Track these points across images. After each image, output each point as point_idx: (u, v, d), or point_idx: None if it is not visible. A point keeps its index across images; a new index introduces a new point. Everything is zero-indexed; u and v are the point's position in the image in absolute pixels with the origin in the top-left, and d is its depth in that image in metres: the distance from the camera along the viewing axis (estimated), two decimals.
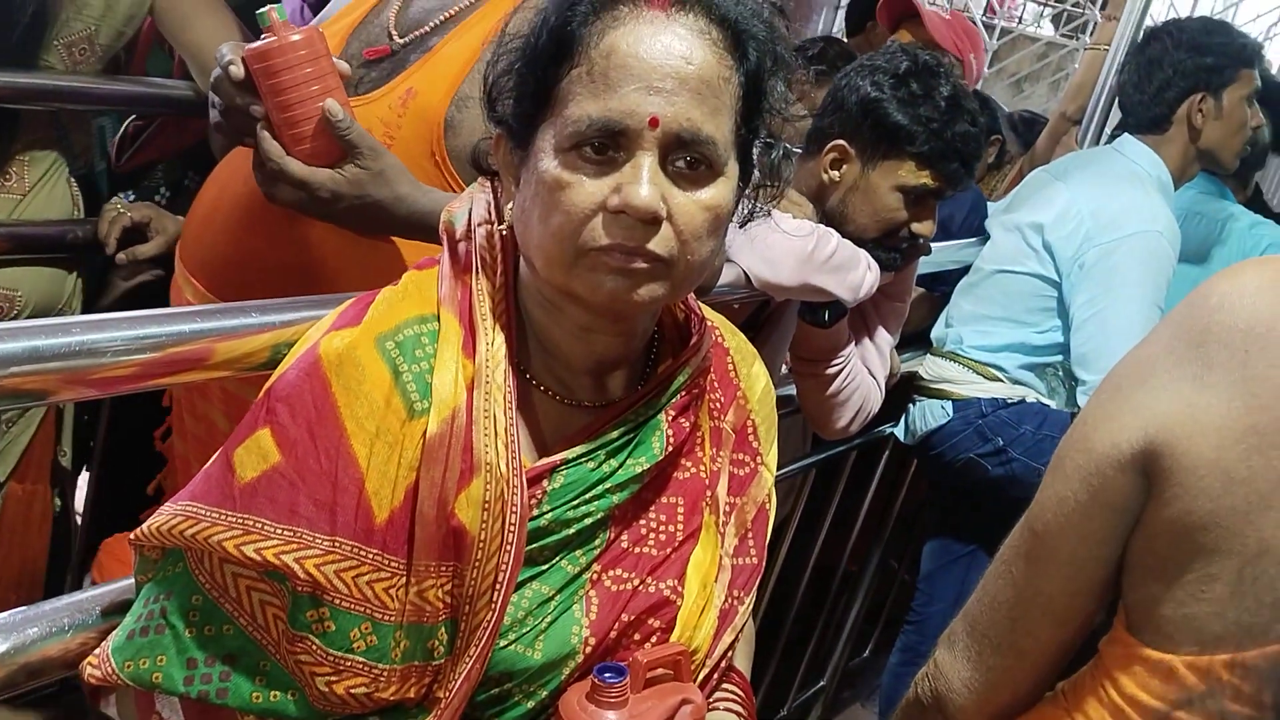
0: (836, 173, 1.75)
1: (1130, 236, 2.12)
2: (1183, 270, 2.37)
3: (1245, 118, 2.25)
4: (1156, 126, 2.26)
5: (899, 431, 2.39)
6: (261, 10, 1.17)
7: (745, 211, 0.97)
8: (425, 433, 0.87)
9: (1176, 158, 2.26)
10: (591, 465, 0.93)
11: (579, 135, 0.84)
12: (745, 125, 0.90)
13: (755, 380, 1.11)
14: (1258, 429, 0.72)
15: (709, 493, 1.01)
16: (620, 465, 0.94)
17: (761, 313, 1.85)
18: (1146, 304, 2.11)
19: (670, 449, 0.97)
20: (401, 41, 1.42)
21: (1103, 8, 6.24)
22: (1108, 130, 2.79)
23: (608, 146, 0.84)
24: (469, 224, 0.98)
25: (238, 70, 1.18)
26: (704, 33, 0.86)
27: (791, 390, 1.94)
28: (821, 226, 1.71)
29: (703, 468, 1.02)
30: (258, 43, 1.17)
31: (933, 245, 2.38)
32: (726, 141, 0.87)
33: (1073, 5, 7.03)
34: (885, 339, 1.95)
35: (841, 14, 6.33)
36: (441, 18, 1.42)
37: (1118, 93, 2.45)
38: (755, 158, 0.94)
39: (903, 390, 2.33)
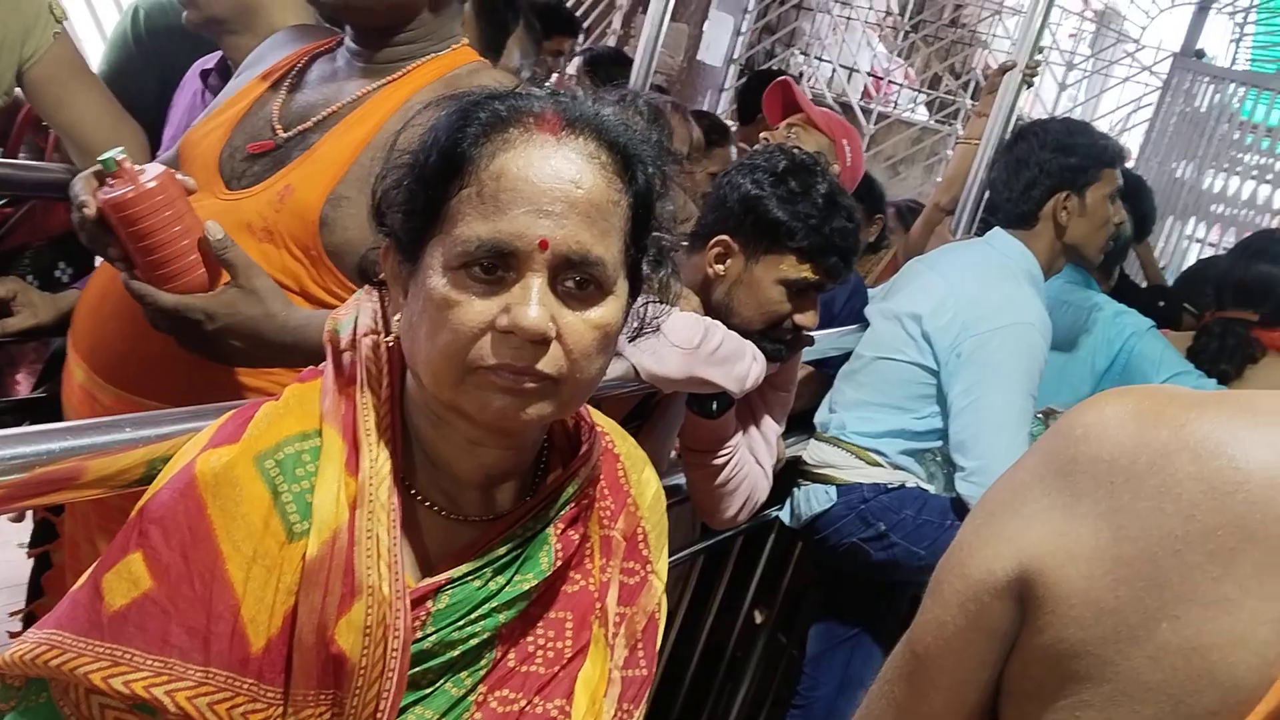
0: (721, 267, 1.78)
1: (1005, 328, 2.20)
2: (1053, 358, 2.46)
3: (1108, 215, 2.37)
4: (1025, 222, 2.36)
5: (784, 515, 2.42)
6: (106, 156, 1.15)
7: (634, 326, 0.98)
8: (305, 555, 0.85)
9: (1044, 252, 2.36)
10: (478, 583, 0.92)
11: (468, 255, 0.84)
12: (634, 245, 0.91)
13: (646, 486, 1.11)
14: (1124, 560, 0.74)
15: (598, 605, 1.00)
16: (508, 582, 0.93)
17: (649, 403, 1.86)
18: (1020, 393, 2.20)
19: (559, 563, 0.96)
20: (284, 136, 1.41)
21: (974, 96, 6.55)
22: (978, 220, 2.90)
23: (497, 267, 0.84)
24: (354, 334, 0.96)
25: (91, 213, 1.16)
26: (594, 156, 0.87)
27: (680, 480, 1.94)
28: (708, 319, 1.73)
29: (592, 579, 1.01)
30: (113, 193, 1.16)
31: (820, 331, 2.44)
32: (616, 262, 0.88)
33: (945, 93, 7.33)
34: (772, 428, 1.98)
35: (726, 97, 6.52)
36: (324, 113, 1.42)
37: (989, 189, 2.55)
38: (644, 274, 0.95)
39: (787, 474, 2.37)
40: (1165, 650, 0.72)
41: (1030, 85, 2.92)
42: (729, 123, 5.02)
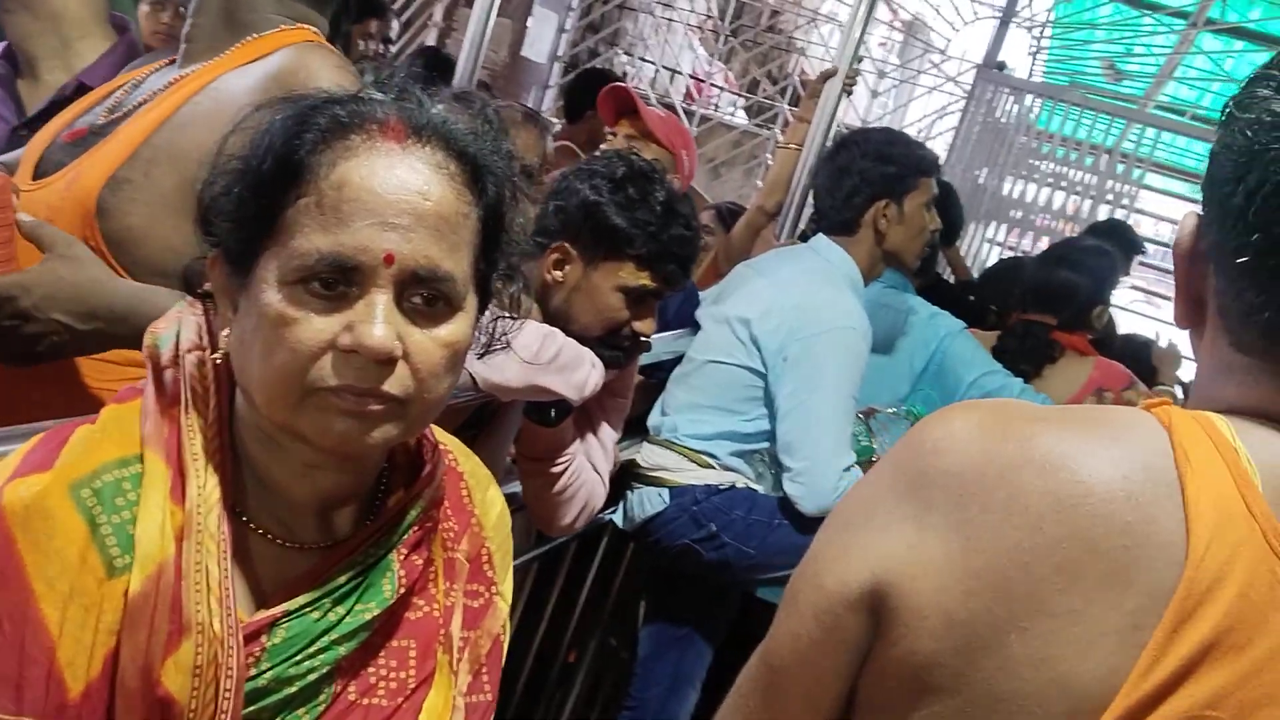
0: (559, 273, 1.76)
1: (829, 332, 2.25)
2: (873, 360, 2.54)
3: (925, 222, 2.46)
4: (847, 229, 2.43)
5: (617, 518, 2.42)
6: None
7: (483, 342, 0.95)
8: (127, 592, 0.79)
9: (865, 258, 2.43)
10: (316, 615, 0.87)
11: (306, 270, 0.79)
12: (484, 259, 0.88)
13: (490, 506, 1.08)
14: (974, 572, 0.75)
15: (442, 631, 0.97)
16: (348, 612, 0.89)
17: (485, 411, 1.82)
18: (843, 395, 2.26)
19: (402, 590, 0.92)
20: (99, 124, 1.32)
21: (792, 102, 6.72)
22: (802, 223, 2.97)
23: (338, 282, 0.80)
24: (176, 350, 0.89)
25: None
26: (441, 167, 0.83)
27: (516, 488, 1.91)
28: (546, 327, 1.71)
29: (436, 605, 0.97)
30: None
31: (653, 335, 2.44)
32: (465, 277, 0.84)
33: (764, 97, 7.50)
34: (609, 435, 1.97)
35: (551, 94, 6.50)
36: (138, 100, 1.34)
37: (814, 196, 2.61)
38: (494, 289, 0.92)
39: (621, 477, 2.36)
40: (1015, 661, 0.74)
41: (849, 93, 3.01)
42: (554, 120, 5.01)
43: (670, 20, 7.23)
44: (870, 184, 2.40)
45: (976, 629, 0.75)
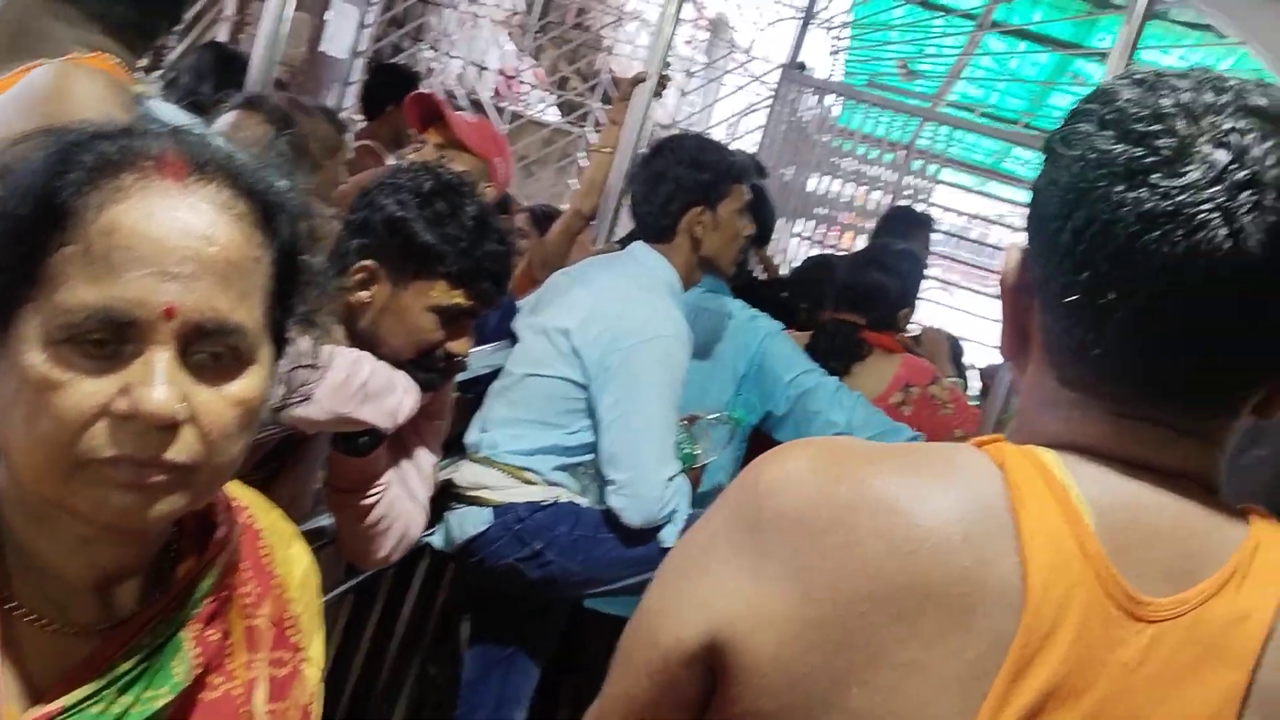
0: (366, 294, 1.67)
1: (649, 341, 2.23)
2: (695, 366, 2.53)
3: (739, 228, 2.47)
4: (665, 235, 2.41)
5: (437, 540, 2.33)
6: None
7: (280, 394, 0.87)
8: None
9: (682, 265, 2.41)
10: (99, 708, 0.77)
11: (73, 327, 0.69)
12: (279, 306, 0.80)
13: (293, 564, 0.99)
14: (813, 623, 0.73)
15: (244, 709, 0.88)
16: (135, 701, 0.79)
17: (288, 443, 1.71)
18: (665, 404, 2.24)
19: (198, 669, 0.83)
20: None
21: (604, 100, 6.71)
22: (619, 229, 2.94)
23: (111, 340, 0.70)
24: None
25: None
26: (228, 206, 0.75)
27: (325, 521, 1.81)
28: (353, 351, 1.62)
29: (236, 681, 0.88)
30: None
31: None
32: (257, 327, 0.76)
33: (575, 95, 7.47)
34: (427, 459, 1.88)
35: (352, 90, 6.28)
36: None
37: (630, 203, 2.59)
38: (291, 337, 0.84)
39: (439, 498, 2.28)
40: (857, 716, 0.72)
41: (660, 96, 3.00)
42: (355, 117, 4.83)
43: (476, 15, 7.10)
44: (685, 191, 2.39)
45: (817, 683, 0.72)
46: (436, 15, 7.00)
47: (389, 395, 1.61)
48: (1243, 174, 0.69)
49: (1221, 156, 0.70)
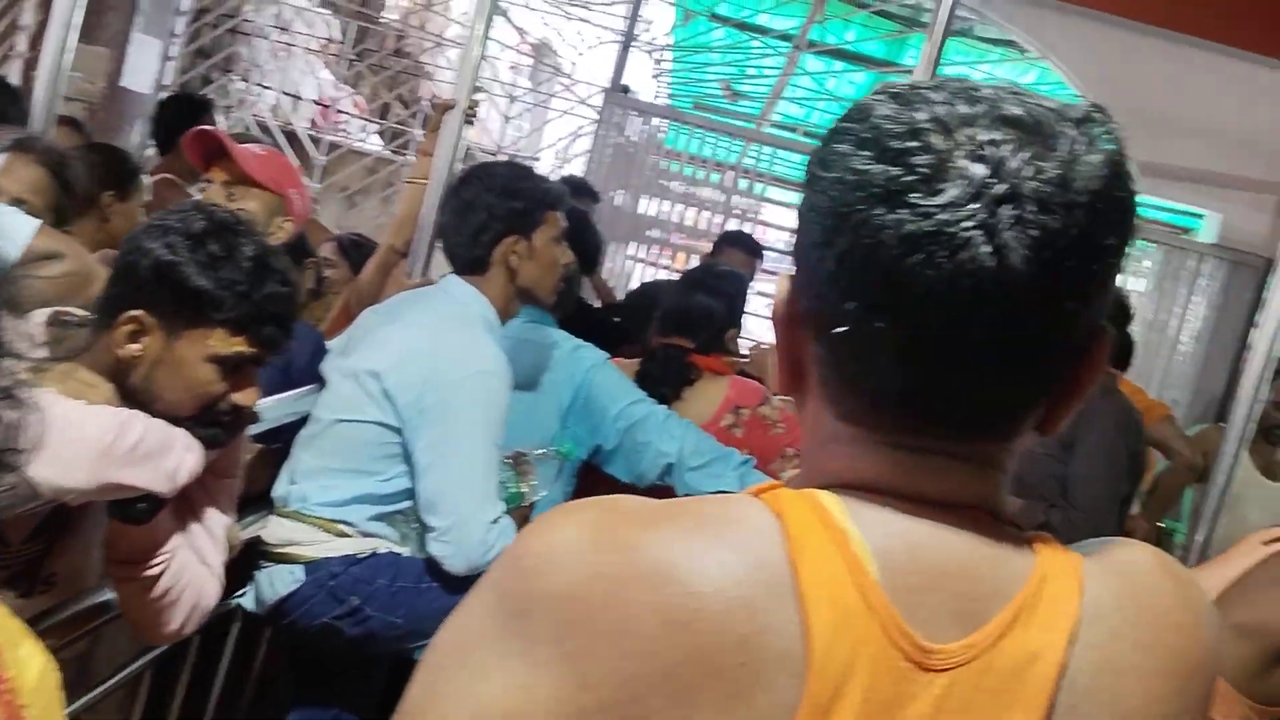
0: (136, 346, 1.52)
1: (465, 379, 2.13)
2: (518, 400, 2.44)
3: (556, 256, 2.39)
4: (478, 267, 2.32)
5: (248, 602, 2.18)
6: None
7: None
8: None
9: (499, 297, 2.33)
10: None
11: None
12: None
13: (26, 665, 0.86)
14: (591, 711, 0.65)
15: None
16: None
17: (58, 514, 1.55)
18: (485, 444, 2.15)
19: None
20: None
21: (425, 126, 6.56)
22: (435, 267, 2.84)
23: None
24: None
25: None
26: None
27: (109, 595, 1.65)
28: (124, 411, 1.47)
29: None
30: None
31: (272, 397, 2.23)
32: None
33: (396, 122, 7.30)
34: (219, 520, 1.73)
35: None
36: None
37: (440, 235, 2.49)
38: None
39: (248, 556, 2.13)
40: None
41: (471, 123, 2.91)
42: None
43: (289, 45, 6.87)
44: (497, 220, 2.30)
45: None
46: (247, 45, 6.74)
47: (166, 456, 1.47)
48: (1001, 188, 0.66)
49: (979, 170, 0.67)
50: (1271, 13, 4.93)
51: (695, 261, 5.50)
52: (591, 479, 2.80)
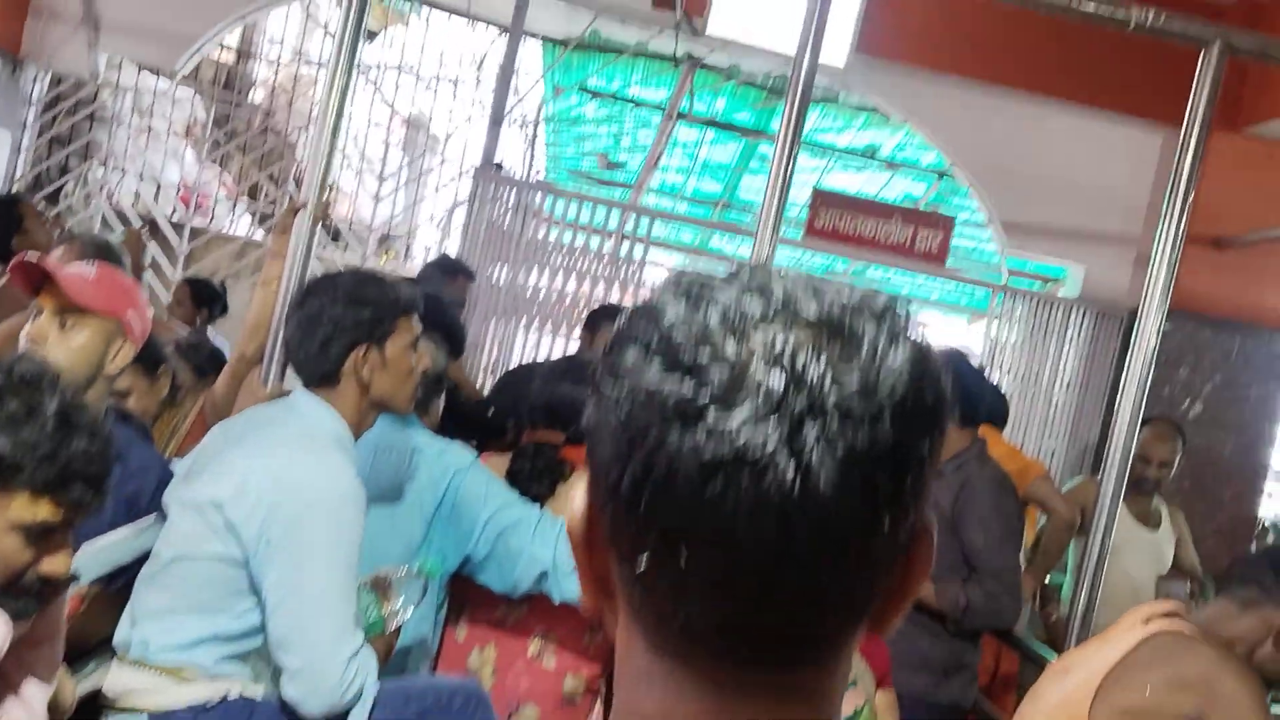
0: None
1: (315, 505, 2.02)
2: (380, 513, 2.35)
3: (411, 364, 2.30)
4: (327, 381, 2.21)
5: None
6: None
7: None
8: None
9: (351, 410, 2.22)
10: None
11: None
12: None
13: None
14: None
15: None
16: None
17: None
18: (340, 574, 2.03)
19: None
20: None
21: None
22: (291, 374, 2.72)
23: None
24: None
25: None
26: None
27: None
28: None
29: None
30: None
31: (113, 533, 2.09)
32: None
33: (269, 203, 7.13)
34: (37, 692, 1.60)
35: None
36: None
37: (285, 348, 2.38)
38: None
39: (88, 709, 1.98)
40: None
41: (325, 225, 2.82)
42: None
43: (150, 128, 6.67)
44: (345, 331, 2.20)
45: None
46: (106, 131, 6.52)
47: None
48: (802, 401, 0.61)
49: (777, 382, 0.61)
50: (1121, 72, 5.13)
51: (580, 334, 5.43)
52: (465, 589, 2.69)
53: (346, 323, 2.21)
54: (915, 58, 5.29)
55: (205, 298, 5.36)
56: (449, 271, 4.73)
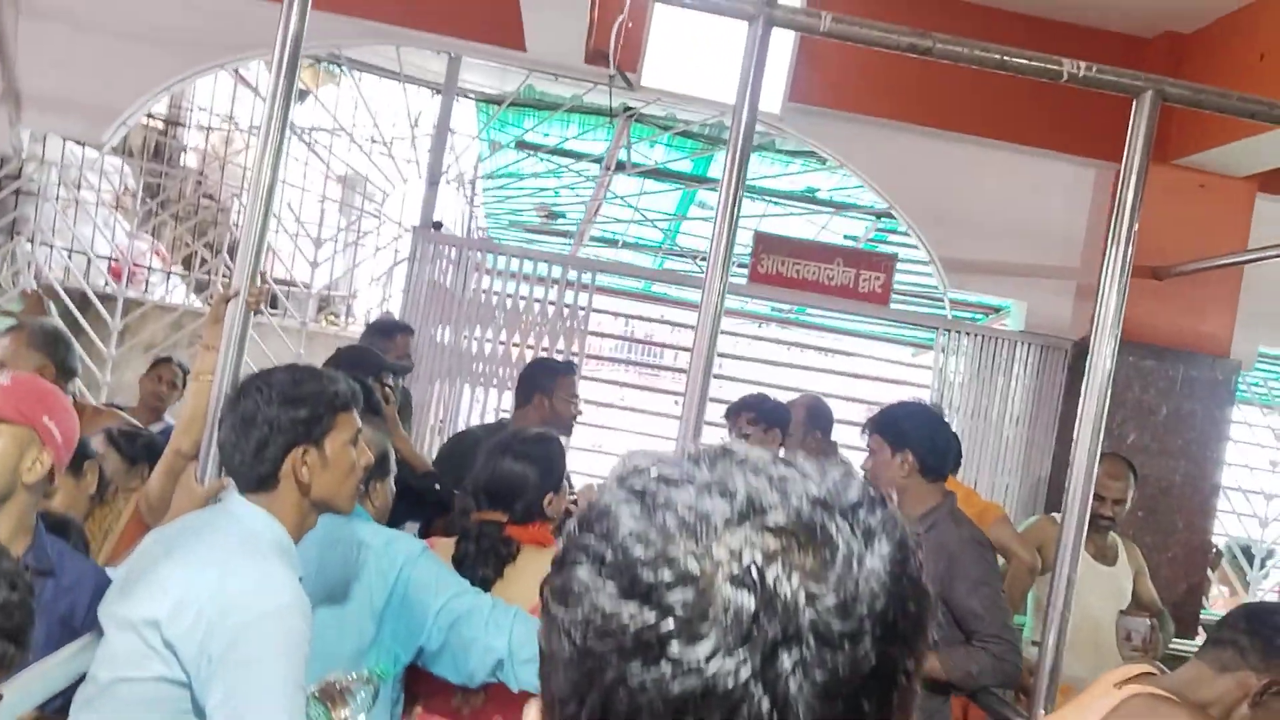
0: None
1: (257, 619, 1.93)
2: (326, 614, 2.27)
3: (353, 460, 2.22)
4: (265, 485, 2.13)
5: None
6: None
7: None
8: None
9: (291, 513, 2.14)
10: None
11: None
12: None
13: None
14: None
15: None
16: None
17: None
18: (287, 686, 1.94)
19: None
20: None
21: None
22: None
23: None
24: None
25: None
26: None
27: None
28: None
29: None
30: None
31: (50, 657, 1.99)
32: None
33: (205, 271, 6.99)
34: None
35: None
36: None
37: (219, 451, 2.29)
38: None
39: None
40: None
41: (258, 312, 2.74)
42: None
43: (78, 200, 6.52)
44: (282, 432, 2.13)
45: None
46: (33, 206, 6.37)
47: None
48: (775, 627, 0.55)
49: (746, 603, 0.56)
50: (1052, 112, 5.20)
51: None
52: (421, 681, 2.61)
53: (282, 423, 2.13)
54: (849, 104, 5.32)
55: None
56: (386, 333, 4.66)
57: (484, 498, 2.85)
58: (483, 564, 2.76)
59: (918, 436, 3.37)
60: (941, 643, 3.21)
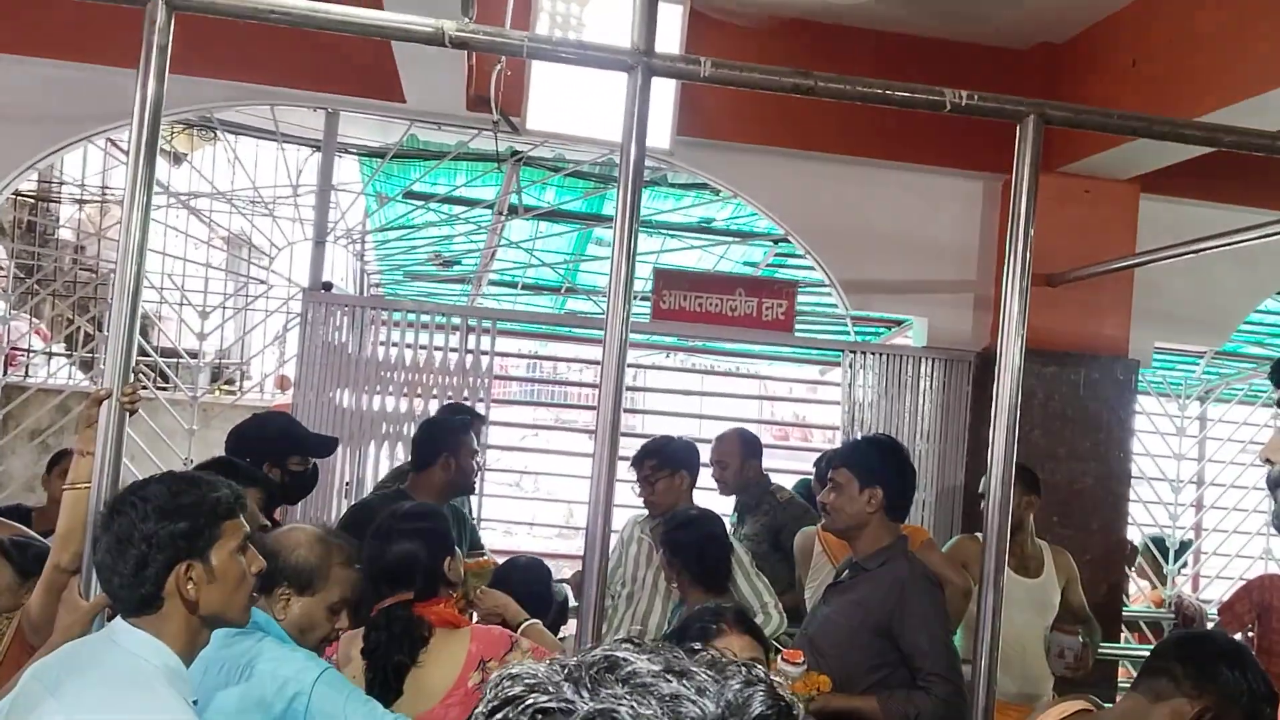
0: None
1: None
2: None
3: (243, 569, 2.09)
4: (148, 606, 1.99)
5: None
6: None
7: None
8: None
9: (180, 635, 2.00)
10: None
11: None
12: None
13: None
14: None
15: None
16: None
17: None
18: None
19: None
20: None
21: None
22: None
23: None
24: None
25: None
26: None
27: None
28: None
29: None
30: None
31: None
32: None
33: (91, 350, 6.70)
34: None
35: None
36: None
37: (96, 574, 2.14)
38: None
39: None
40: None
41: (133, 413, 2.58)
42: None
43: None
44: (161, 549, 1.98)
45: None
46: None
47: None
48: None
49: None
50: (937, 132, 5.24)
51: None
52: None
53: (161, 539, 1.99)
54: (738, 134, 5.30)
55: None
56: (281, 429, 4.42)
57: (384, 582, 2.74)
58: (396, 649, 2.65)
59: (889, 475, 3.33)
60: (886, 683, 3.16)
